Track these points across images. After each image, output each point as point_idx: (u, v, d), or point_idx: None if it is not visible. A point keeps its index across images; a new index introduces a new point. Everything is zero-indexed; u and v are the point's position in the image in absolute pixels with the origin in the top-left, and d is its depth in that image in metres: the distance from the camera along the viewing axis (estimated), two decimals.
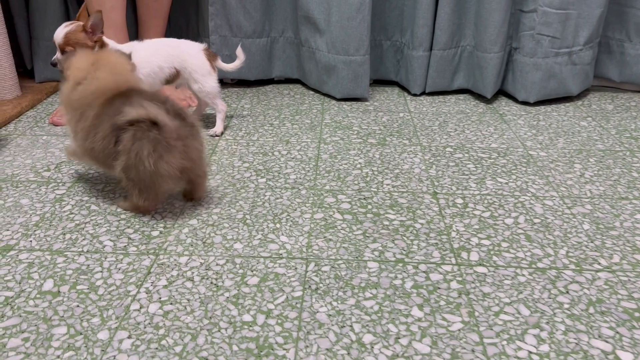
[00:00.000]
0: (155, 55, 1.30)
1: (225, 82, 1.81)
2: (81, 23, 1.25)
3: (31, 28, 1.68)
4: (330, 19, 1.56)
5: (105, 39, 1.28)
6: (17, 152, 1.29)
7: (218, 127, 1.40)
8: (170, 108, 0.94)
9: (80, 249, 0.92)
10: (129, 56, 1.20)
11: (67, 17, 1.70)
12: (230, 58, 1.71)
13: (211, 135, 1.38)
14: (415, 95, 1.70)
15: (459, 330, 0.76)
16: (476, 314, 0.79)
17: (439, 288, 0.84)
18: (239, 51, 1.41)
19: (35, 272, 0.86)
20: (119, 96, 0.97)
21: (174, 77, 1.34)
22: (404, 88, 1.77)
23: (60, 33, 1.25)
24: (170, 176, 0.95)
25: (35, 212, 1.03)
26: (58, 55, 1.27)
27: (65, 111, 1.05)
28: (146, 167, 0.92)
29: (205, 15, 1.67)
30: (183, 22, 1.78)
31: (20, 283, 0.84)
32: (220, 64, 1.39)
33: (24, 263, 0.88)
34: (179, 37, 1.79)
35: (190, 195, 1.07)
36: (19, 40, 1.71)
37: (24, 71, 1.78)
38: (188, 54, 1.34)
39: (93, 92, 0.99)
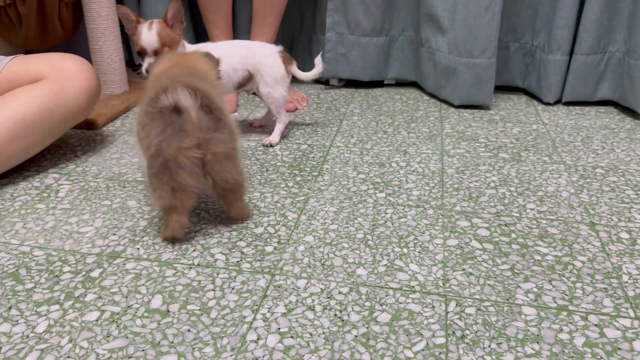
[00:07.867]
0: (230, 57, 1.21)
1: (332, 83, 1.70)
2: (160, 20, 1.15)
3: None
4: (455, 16, 1.41)
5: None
6: (124, 149, 1.25)
7: (274, 137, 1.27)
8: (204, 102, 0.83)
9: (190, 261, 0.84)
10: (216, 61, 1.01)
11: None
12: (345, 57, 1.61)
13: (265, 145, 1.26)
14: (547, 104, 1.51)
15: None
16: None
17: (620, 349, 0.67)
18: (318, 60, 1.28)
19: (143, 285, 0.78)
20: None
21: (247, 81, 1.25)
22: (532, 96, 1.58)
23: (152, 36, 1.14)
24: (183, 165, 0.81)
25: (143, 216, 0.97)
26: (152, 60, 1.15)
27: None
28: (152, 150, 0.81)
29: (323, 12, 1.57)
30: (297, 19, 1.69)
31: (127, 297, 0.76)
32: (295, 70, 1.27)
33: (131, 274, 0.81)
34: (292, 33, 1.72)
35: (227, 214, 0.95)
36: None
37: (131, 66, 1.77)
38: (263, 55, 1.23)
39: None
